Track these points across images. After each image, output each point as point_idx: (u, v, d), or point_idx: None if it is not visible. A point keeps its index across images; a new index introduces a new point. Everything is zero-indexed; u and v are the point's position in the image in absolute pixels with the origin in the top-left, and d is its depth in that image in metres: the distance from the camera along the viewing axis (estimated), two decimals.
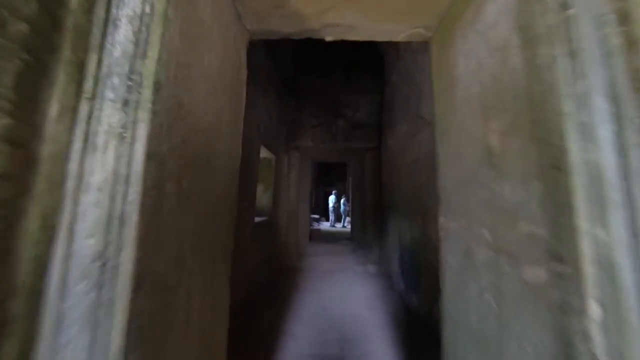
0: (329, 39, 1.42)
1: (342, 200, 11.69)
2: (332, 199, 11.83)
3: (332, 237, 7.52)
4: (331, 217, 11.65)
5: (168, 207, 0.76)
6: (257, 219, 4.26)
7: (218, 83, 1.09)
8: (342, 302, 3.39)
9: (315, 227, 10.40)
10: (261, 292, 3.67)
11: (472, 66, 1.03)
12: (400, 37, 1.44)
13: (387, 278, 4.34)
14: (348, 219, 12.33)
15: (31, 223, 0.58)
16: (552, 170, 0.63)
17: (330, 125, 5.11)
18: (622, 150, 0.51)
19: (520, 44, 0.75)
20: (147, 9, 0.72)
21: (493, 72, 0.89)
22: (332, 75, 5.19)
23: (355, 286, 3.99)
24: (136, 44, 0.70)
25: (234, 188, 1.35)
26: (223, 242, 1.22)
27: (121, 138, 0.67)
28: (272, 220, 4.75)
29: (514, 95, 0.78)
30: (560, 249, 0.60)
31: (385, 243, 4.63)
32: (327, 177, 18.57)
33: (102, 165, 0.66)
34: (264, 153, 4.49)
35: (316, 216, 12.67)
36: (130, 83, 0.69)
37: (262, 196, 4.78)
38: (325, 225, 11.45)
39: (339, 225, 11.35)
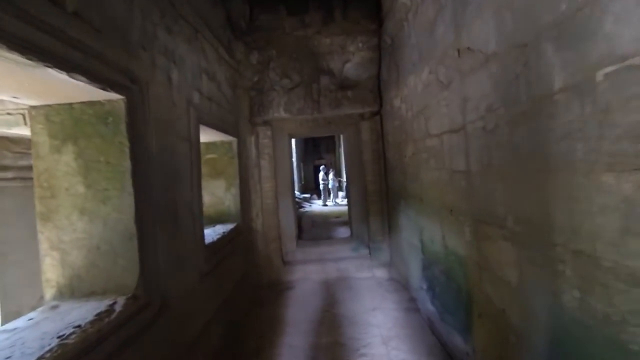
0: None
1: (330, 176, 10.42)
2: (321, 175, 10.57)
3: (325, 224, 6.41)
4: (322, 194, 10.49)
5: None
6: (218, 231, 3.00)
7: None
8: (348, 345, 2.31)
9: (305, 209, 9.29)
10: (231, 343, 2.53)
11: None
12: None
13: (403, 289, 3.28)
14: (341, 194, 11.22)
15: None
16: None
17: (310, 87, 3.65)
18: None
19: None
20: None
21: None
22: (306, 12, 3.60)
23: (363, 307, 2.92)
24: None
25: None
26: None
27: None
28: (242, 227, 3.50)
29: None
30: None
31: (398, 240, 3.51)
32: (315, 148, 17.12)
33: None
34: (214, 136, 3.07)
35: (307, 195, 11.53)
36: None
37: (225, 195, 3.47)
38: (317, 205, 10.35)
39: (330, 204, 10.25)
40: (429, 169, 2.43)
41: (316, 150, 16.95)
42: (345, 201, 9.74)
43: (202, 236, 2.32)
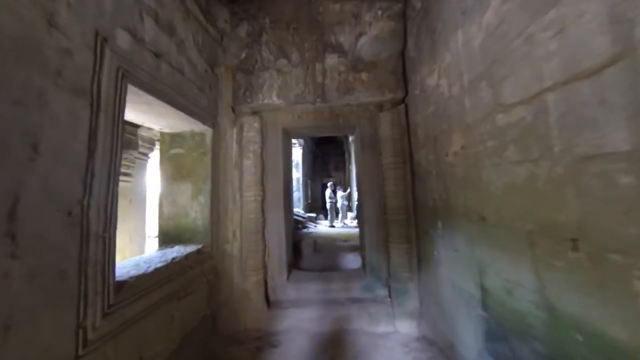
0: None
1: (338, 194, 9.52)
2: (328, 193, 9.61)
3: (331, 249, 5.31)
4: (329, 214, 9.43)
5: None
6: (168, 255, 2.03)
7: None
8: None
9: (310, 230, 8.19)
10: None
11: None
12: None
13: (442, 357, 2.13)
14: (350, 214, 10.13)
15: None
16: None
17: (313, 67, 2.80)
18: None
19: None
20: None
21: None
22: None
23: None
24: None
25: None
26: None
27: None
28: (211, 250, 2.51)
29: None
30: None
31: (433, 279, 2.41)
32: (324, 166, 16.19)
33: None
34: (177, 122, 2.20)
35: (312, 215, 10.46)
36: None
37: (191, 205, 2.53)
38: (324, 226, 9.24)
39: (338, 225, 9.13)
40: (504, 165, 1.43)
41: (325, 168, 16.10)
42: (355, 222, 8.72)
43: (109, 266, 1.34)
